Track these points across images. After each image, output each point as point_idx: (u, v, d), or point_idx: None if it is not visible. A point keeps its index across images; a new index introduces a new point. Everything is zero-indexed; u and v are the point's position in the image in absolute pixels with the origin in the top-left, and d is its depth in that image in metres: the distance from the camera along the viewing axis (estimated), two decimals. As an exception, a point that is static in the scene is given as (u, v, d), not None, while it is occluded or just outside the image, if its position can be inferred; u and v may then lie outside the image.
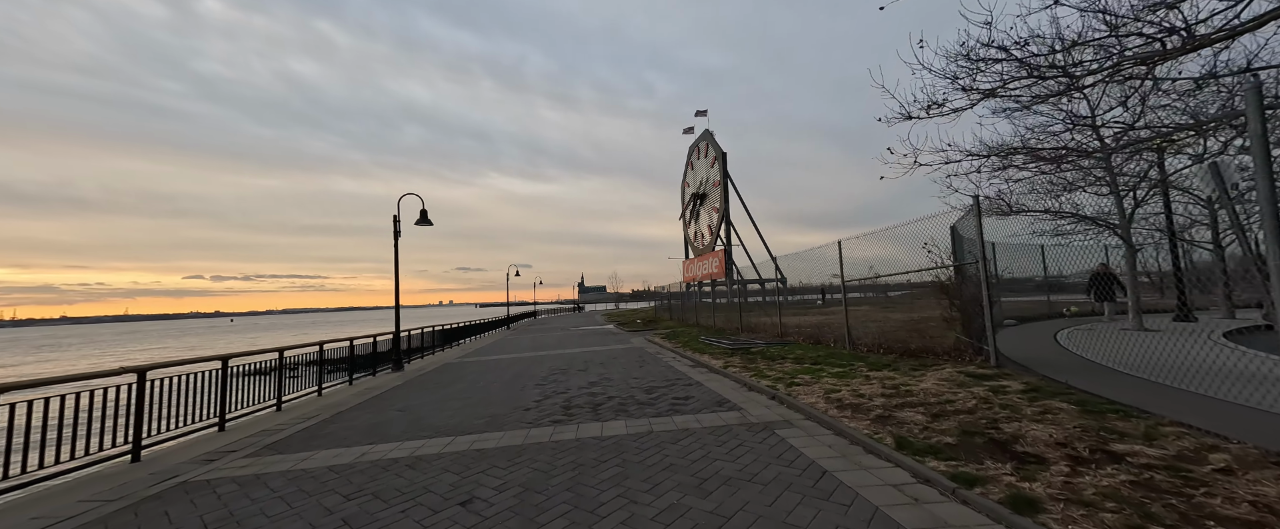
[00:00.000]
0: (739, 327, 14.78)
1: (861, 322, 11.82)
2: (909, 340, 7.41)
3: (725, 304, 19.91)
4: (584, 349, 13.63)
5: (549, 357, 12.27)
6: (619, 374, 8.65)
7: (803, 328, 11.79)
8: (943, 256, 7.82)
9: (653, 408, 5.84)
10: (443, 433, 5.23)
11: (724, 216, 33.23)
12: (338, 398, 7.94)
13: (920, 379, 5.59)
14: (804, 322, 13.06)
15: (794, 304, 19.09)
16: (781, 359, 8.29)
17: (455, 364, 12.00)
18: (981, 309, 5.95)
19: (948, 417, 4.04)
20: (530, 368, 10.32)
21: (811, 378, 6.43)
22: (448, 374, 10.09)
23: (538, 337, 20.43)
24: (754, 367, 7.81)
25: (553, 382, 8.27)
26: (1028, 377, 5.20)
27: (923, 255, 7.94)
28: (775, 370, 7.24)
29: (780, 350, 9.45)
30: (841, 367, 6.95)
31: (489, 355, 13.66)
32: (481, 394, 7.46)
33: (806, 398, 5.38)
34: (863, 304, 19.49)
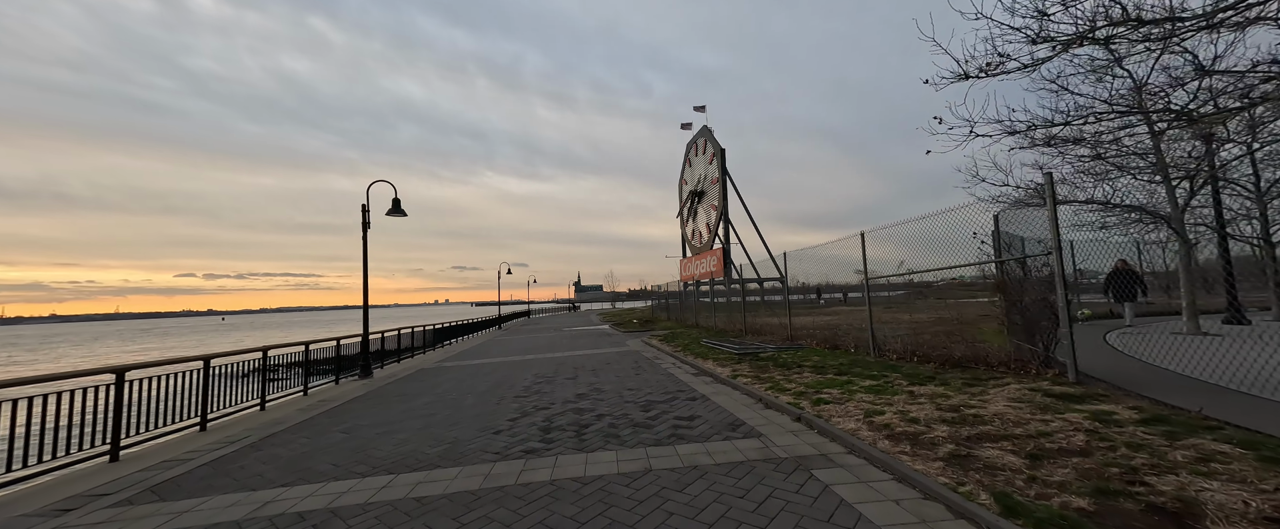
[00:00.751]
0: (743, 328, 13.70)
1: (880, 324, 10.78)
2: (950, 347, 6.34)
3: (726, 304, 18.84)
4: (575, 352, 12.52)
5: (536, 361, 11.15)
6: (612, 384, 7.55)
7: (814, 330, 10.73)
8: (987, 250, 6.78)
9: (650, 432, 4.75)
10: (382, 469, 4.11)
11: (722, 214, 32.17)
12: (282, 413, 6.80)
13: (984, 399, 4.51)
14: (814, 323, 11.98)
15: (796, 304, 18.05)
16: (798, 367, 7.22)
17: (432, 369, 10.86)
18: (1053, 312, 4.90)
19: (1055, 460, 2.96)
20: (513, 374, 9.20)
21: (841, 393, 5.35)
22: (419, 382, 8.96)
23: (528, 338, 19.31)
24: (767, 376, 6.73)
25: (535, 393, 7.16)
26: (1129, 399, 4.12)
27: (946, 251, 6.92)
28: (794, 382, 6.16)
29: (794, 356, 8.38)
30: (873, 378, 5.88)
31: (472, 359, 12.53)
32: (449, 409, 6.34)
33: (843, 422, 4.30)
34: (866, 305, 18.61)
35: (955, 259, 6.71)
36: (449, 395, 7.41)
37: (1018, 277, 5.51)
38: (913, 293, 14.47)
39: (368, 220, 10.31)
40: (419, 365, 11.84)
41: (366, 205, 10.31)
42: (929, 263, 7.24)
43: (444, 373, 10.09)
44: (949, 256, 7.21)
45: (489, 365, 10.89)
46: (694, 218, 37.79)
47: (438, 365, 11.58)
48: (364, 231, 10.28)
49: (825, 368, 6.93)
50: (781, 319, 11.74)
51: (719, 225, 32.73)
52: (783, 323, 11.92)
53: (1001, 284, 5.72)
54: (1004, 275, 5.80)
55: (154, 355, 30.69)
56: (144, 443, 5.21)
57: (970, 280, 9.11)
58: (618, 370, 9.00)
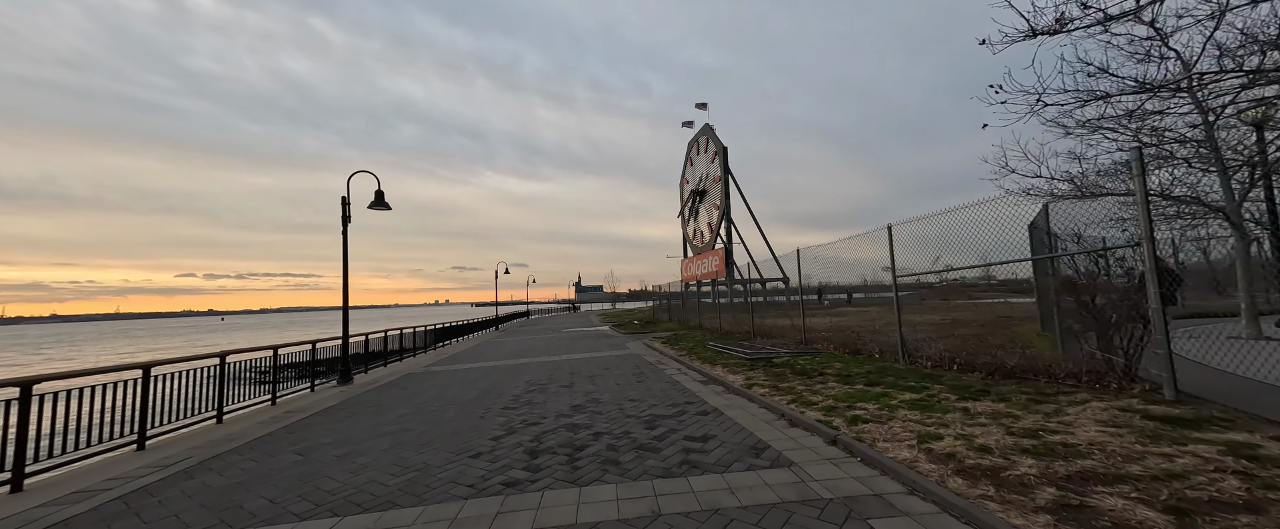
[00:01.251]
0: (751, 330, 12.92)
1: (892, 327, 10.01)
2: (999, 354, 5.55)
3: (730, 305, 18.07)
4: (573, 356, 11.74)
5: (531, 365, 10.38)
6: (611, 393, 6.77)
7: (828, 332, 9.95)
8: (1024, 247, 6.02)
9: (657, 457, 3.97)
10: (326, 507, 3.33)
11: (725, 213, 31.42)
12: (239, 427, 6.02)
13: (1064, 421, 3.72)
14: (826, 324, 11.20)
15: (797, 305, 17.35)
16: (819, 375, 6.44)
17: (419, 374, 10.09)
18: (1139, 315, 4.11)
19: (1215, 518, 2.19)
20: (504, 381, 8.42)
21: (879, 408, 4.57)
22: (400, 390, 8.18)
23: (525, 340, 18.53)
24: (787, 386, 5.95)
25: (525, 405, 6.38)
26: (1263, 426, 3.30)
27: (964, 248, 6.17)
28: (820, 394, 5.38)
29: (812, 362, 7.59)
30: (913, 390, 5.09)
31: (462, 363, 11.75)
32: (425, 424, 5.56)
33: (893, 448, 3.52)
34: (871, 305, 17.70)
35: (974, 256, 5.94)
36: (429, 406, 6.63)
37: (1090, 273, 4.73)
38: (916, 294, 13.67)
39: (348, 214, 9.53)
40: (406, 370, 11.07)
41: (346, 198, 9.54)
42: (943, 260, 6.50)
43: (430, 379, 9.31)
44: (964, 254, 6.45)
45: (479, 370, 10.11)
46: (695, 217, 37.05)
47: (425, 370, 10.81)
48: (344, 226, 9.51)
49: (851, 377, 6.14)
50: (793, 320, 10.96)
51: (721, 225, 31.97)
52: (795, 325, 11.13)
53: (1069, 282, 4.93)
54: (1071, 273, 5.02)
55: (107, 360, 29.76)
56: (60, 468, 4.43)
57: (992, 281, 8.35)
58: (618, 377, 8.22)
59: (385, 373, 10.72)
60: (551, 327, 27.47)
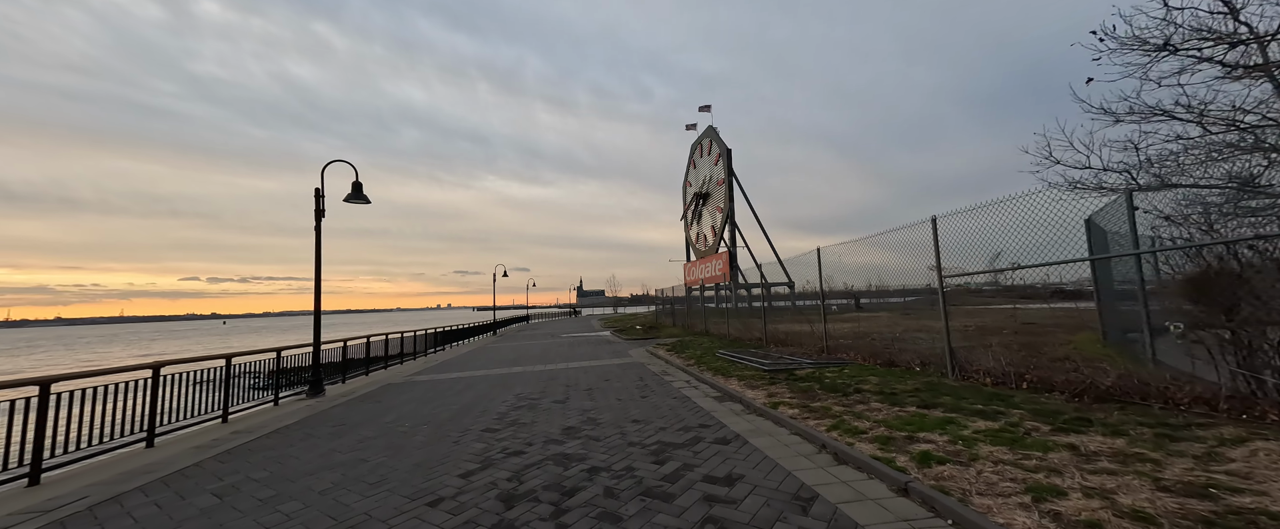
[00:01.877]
0: (763, 337, 11.93)
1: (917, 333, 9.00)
2: (1085, 371, 4.55)
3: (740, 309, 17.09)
4: (570, 364, 10.77)
5: (524, 376, 9.41)
6: (612, 412, 5.80)
7: (850, 340, 8.94)
8: (1081, 245, 5.07)
9: (670, 509, 3.00)
10: (206, 594, 2.39)
11: (728, 216, 30.54)
12: (170, 453, 5.07)
13: (1230, 467, 2.74)
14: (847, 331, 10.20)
15: (801, 310, 16.43)
16: (856, 392, 5.46)
17: (400, 385, 9.14)
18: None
19: None
20: (491, 395, 7.46)
21: (949, 440, 3.59)
22: (373, 404, 7.22)
23: (521, 345, 17.57)
24: (820, 406, 4.97)
25: (511, 426, 5.42)
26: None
27: (977, 254, 5.25)
28: (865, 417, 4.40)
29: (841, 375, 6.61)
30: (985, 416, 4.11)
31: (451, 371, 10.79)
32: (387, 453, 4.60)
33: (998, 509, 2.54)
34: (880, 311, 16.68)
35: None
36: (399, 426, 5.66)
37: (1232, 271, 3.75)
38: (926, 299, 12.59)
39: (321, 208, 8.62)
40: (389, 379, 10.12)
41: (320, 191, 8.63)
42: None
43: (410, 390, 8.35)
44: (973, 257, 5.53)
45: (466, 381, 9.15)
46: (698, 220, 36.18)
47: (408, 379, 9.85)
48: (317, 220, 8.59)
49: (897, 395, 5.16)
50: (812, 326, 9.98)
51: (725, 228, 31.08)
52: (814, 331, 10.14)
53: (1198, 283, 3.94)
54: (1198, 269, 4.04)
55: (46, 370, 28.79)
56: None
57: (1044, 284, 7.38)
58: (619, 390, 7.25)
59: (364, 383, 9.77)
60: (551, 332, 26.51)
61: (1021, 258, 5.54)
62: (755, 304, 21.25)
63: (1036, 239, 5.37)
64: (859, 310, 18.23)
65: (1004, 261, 5.57)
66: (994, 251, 5.29)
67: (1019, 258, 5.65)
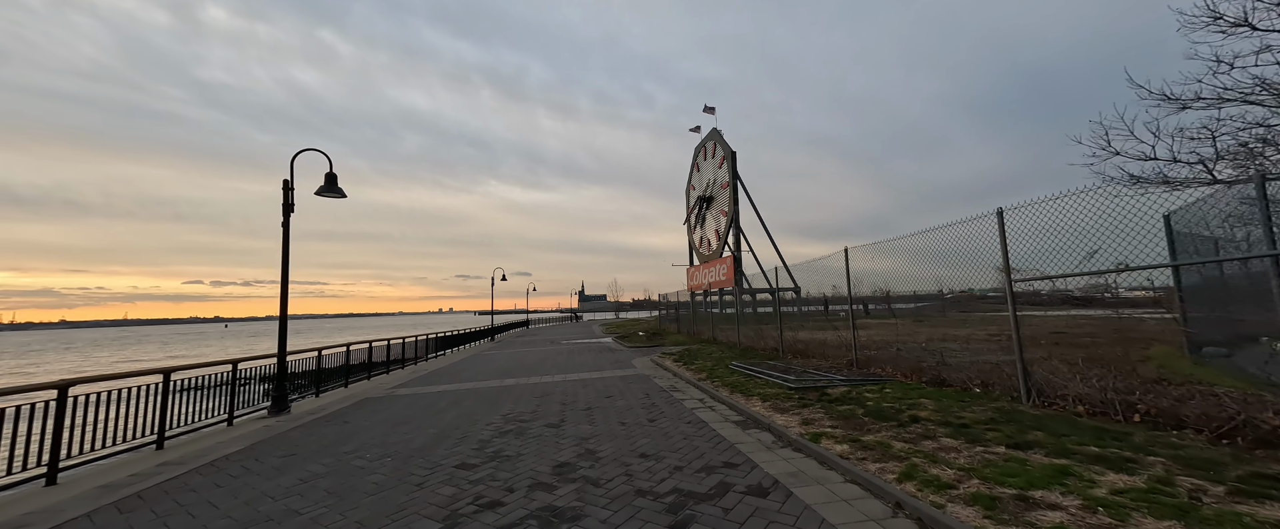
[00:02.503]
0: (778, 347, 10.91)
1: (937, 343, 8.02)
2: (1227, 403, 3.53)
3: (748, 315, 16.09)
4: (568, 376, 9.77)
5: (516, 389, 8.42)
6: (614, 443, 4.81)
7: (876, 351, 7.93)
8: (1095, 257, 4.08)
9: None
10: None
11: (733, 220, 29.60)
12: (67, 495, 4.10)
13: None
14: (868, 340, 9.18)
15: (807, 316, 15.45)
16: (912, 421, 4.46)
17: (380, 399, 8.17)
18: None
19: None
20: (475, 414, 6.48)
21: (1084, 505, 2.59)
22: (338, 427, 6.24)
23: (518, 353, 16.57)
24: (873, 439, 3.99)
25: (491, 460, 4.44)
26: None
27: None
28: (941, 460, 3.41)
29: (883, 396, 5.60)
30: (1109, 463, 3.10)
31: (436, 383, 9.81)
32: (330, 501, 3.62)
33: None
34: (887, 317, 15.61)
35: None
36: (358, 457, 4.69)
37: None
38: (938, 306, 11.65)
39: (291, 201, 7.69)
40: (368, 392, 9.14)
41: (289, 182, 7.70)
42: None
43: (387, 407, 7.37)
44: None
45: (452, 395, 8.17)
46: (702, 224, 35.25)
47: (389, 392, 8.87)
48: (285, 215, 7.65)
49: (968, 427, 4.15)
50: (840, 334, 8.97)
51: (729, 232, 30.11)
52: (838, 340, 9.12)
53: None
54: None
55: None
56: None
57: (1113, 292, 6.40)
58: (623, 411, 6.26)
59: (341, 397, 8.80)
60: (550, 338, 25.53)
61: (1060, 259, 4.59)
62: (762, 309, 20.23)
63: (1111, 240, 4.43)
64: (868, 316, 17.16)
65: (1057, 262, 4.61)
66: (1088, 249, 4.30)
67: (1056, 259, 4.69)
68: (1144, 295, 6.24)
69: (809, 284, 12.17)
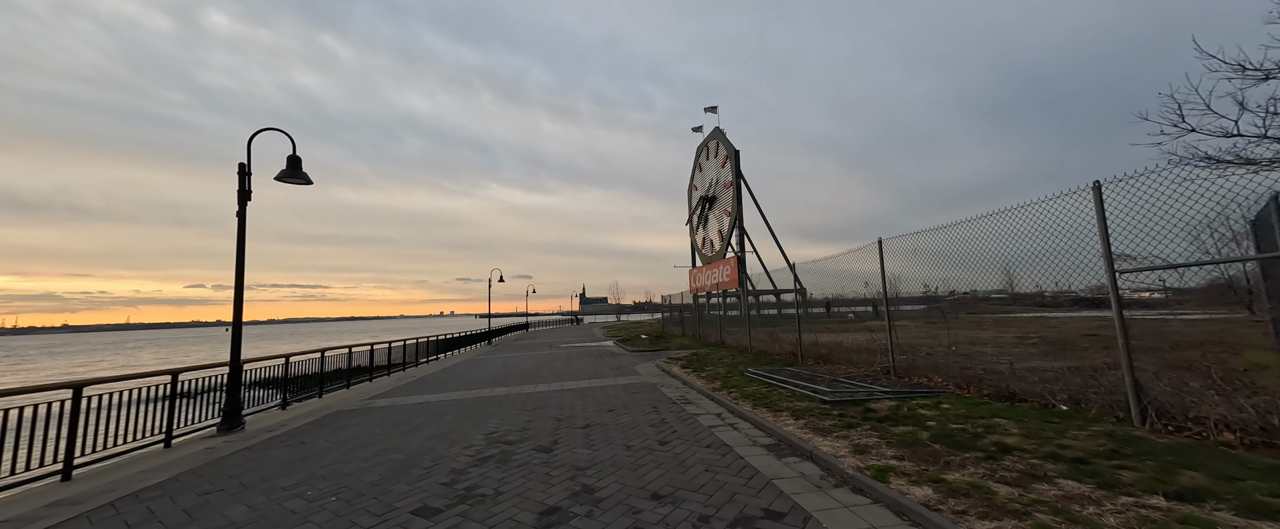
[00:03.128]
0: (797, 351, 9.90)
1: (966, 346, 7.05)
2: None
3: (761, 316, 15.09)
4: (566, 385, 8.78)
5: (505, 401, 7.44)
6: (618, 476, 3.83)
7: (912, 356, 6.94)
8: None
9: None
10: None
11: (737, 220, 28.64)
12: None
13: None
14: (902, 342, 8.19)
15: (812, 319, 14.46)
16: (1001, 451, 3.48)
17: (349, 413, 7.19)
18: None
19: None
20: (454, 435, 5.49)
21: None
22: (288, 451, 5.26)
23: (514, 357, 15.59)
24: (960, 479, 3.02)
25: (459, 505, 3.45)
26: None
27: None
28: (1073, 512, 2.45)
29: (943, 414, 4.62)
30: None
31: (419, 393, 8.82)
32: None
33: None
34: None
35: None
36: (290, 502, 3.70)
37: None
38: (949, 306, 10.69)
39: (247, 188, 6.73)
40: (342, 403, 8.16)
41: (247, 165, 6.74)
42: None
43: (355, 424, 6.39)
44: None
45: (432, 408, 7.18)
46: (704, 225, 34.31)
47: (364, 404, 7.89)
48: (241, 203, 6.69)
49: (1085, 461, 3.16)
50: (871, 336, 7.97)
51: (732, 232, 29.15)
52: (868, 343, 8.12)
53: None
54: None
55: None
56: None
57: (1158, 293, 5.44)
58: (628, 429, 5.27)
59: (311, 409, 7.82)
60: (549, 342, 24.54)
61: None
62: (767, 311, 19.18)
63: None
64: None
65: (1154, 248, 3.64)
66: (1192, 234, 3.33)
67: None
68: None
69: (814, 286, 11.32)
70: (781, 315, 16.03)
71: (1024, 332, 12.59)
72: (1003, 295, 7.68)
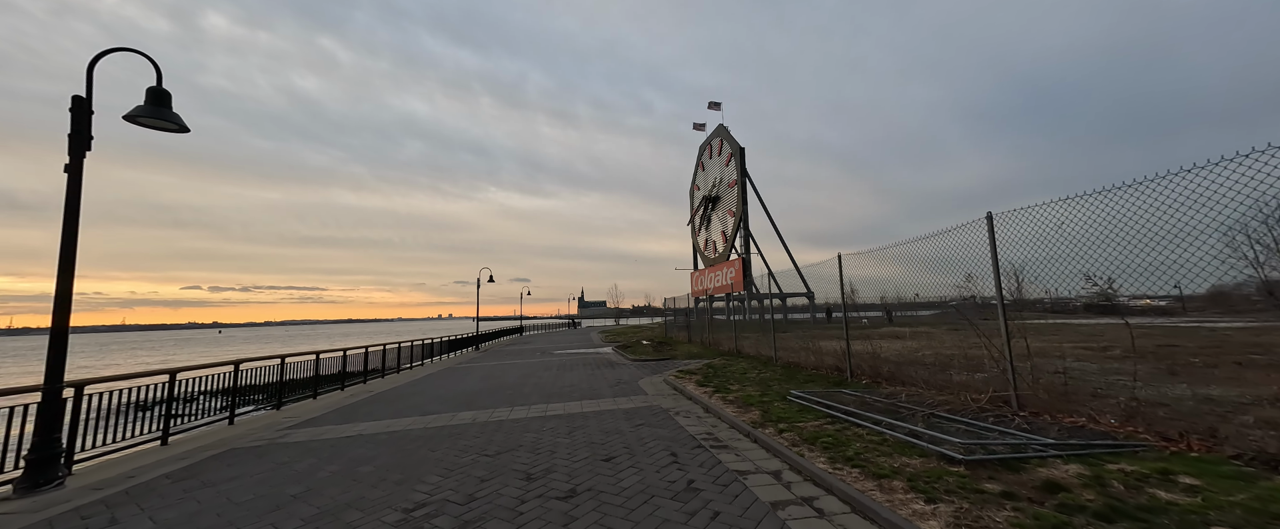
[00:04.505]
0: (846, 366, 7.78)
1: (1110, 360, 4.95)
2: None
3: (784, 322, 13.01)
4: (550, 409, 6.66)
5: (467, 435, 5.33)
6: None
7: (1101, 387, 4.87)
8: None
9: None
10: None
11: (741, 220, 26.61)
12: None
13: None
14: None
15: (822, 325, 12.39)
16: None
17: (243, 452, 5.09)
18: None
19: None
20: (363, 503, 3.38)
21: None
22: (137, 514, 3.17)
23: (498, 367, 13.44)
24: None
25: None
26: None
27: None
28: None
29: (1206, 497, 2.58)
30: None
31: (355, 421, 6.69)
32: None
33: None
34: (897, 324, 12.56)
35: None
36: None
37: None
38: (1022, 307, 8.63)
39: (86, 131, 4.65)
40: (245, 435, 6.03)
41: (84, 98, 4.66)
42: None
43: (232, 477, 4.27)
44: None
45: (358, 449, 5.06)
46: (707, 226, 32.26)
47: (276, 437, 5.76)
48: (74, 151, 4.59)
49: None
50: (992, 349, 5.88)
51: (737, 233, 27.09)
52: (952, 356, 6.04)
53: None
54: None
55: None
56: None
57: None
58: (636, 507, 3.18)
59: (201, 445, 5.68)
60: (542, 347, 22.39)
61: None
62: (774, 315, 17.09)
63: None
64: (890, 324, 13.84)
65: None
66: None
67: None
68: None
69: (821, 291, 9.47)
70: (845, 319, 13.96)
71: (1081, 340, 10.61)
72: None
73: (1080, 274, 4.06)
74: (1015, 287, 4.88)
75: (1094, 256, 3.99)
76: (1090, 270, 3.77)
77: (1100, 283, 3.95)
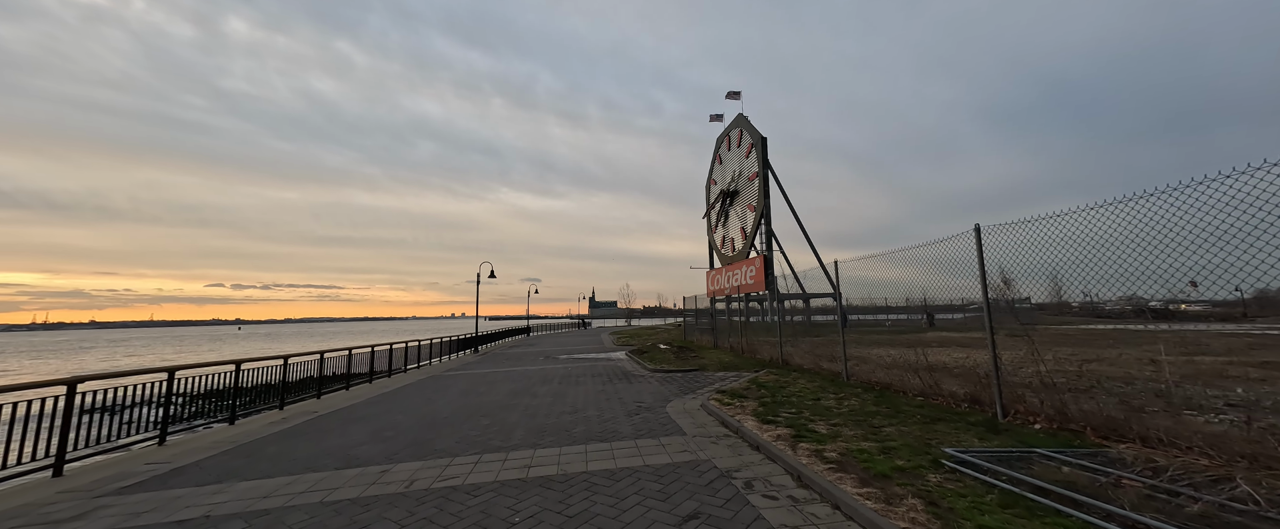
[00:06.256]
0: (997, 401, 5.09)
1: None
2: None
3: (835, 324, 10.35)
4: (535, 460, 4.13)
5: (401, 509, 2.87)
6: None
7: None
8: None
9: None
10: None
11: (763, 215, 23.78)
12: None
13: None
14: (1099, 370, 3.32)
15: (855, 325, 9.64)
16: None
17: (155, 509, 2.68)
18: None
19: None
20: None
21: None
22: None
23: (491, 376, 10.96)
24: None
25: None
26: None
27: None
28: None
29: None
30: None
31: (235, 480, 4.26)
32: None
33: None
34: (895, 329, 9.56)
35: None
36: None
37: None
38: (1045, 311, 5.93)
39: None
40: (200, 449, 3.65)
41: None
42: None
43: None
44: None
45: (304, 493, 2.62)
46: (724, 222, 29.46)
47: (90, 505, 3.36)
48: None
49: None
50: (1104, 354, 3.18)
51: (758, 229, 24.27)
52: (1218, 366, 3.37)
53: None
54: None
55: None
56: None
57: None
58: None
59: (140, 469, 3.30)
60: (547, 351, 19.93)
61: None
62: (795, 318, 14.34)
63: None
64: (933, 327, 10.84)
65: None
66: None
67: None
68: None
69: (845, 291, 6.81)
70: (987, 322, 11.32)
71: (1147, 352, 7.84)
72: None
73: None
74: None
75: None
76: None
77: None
